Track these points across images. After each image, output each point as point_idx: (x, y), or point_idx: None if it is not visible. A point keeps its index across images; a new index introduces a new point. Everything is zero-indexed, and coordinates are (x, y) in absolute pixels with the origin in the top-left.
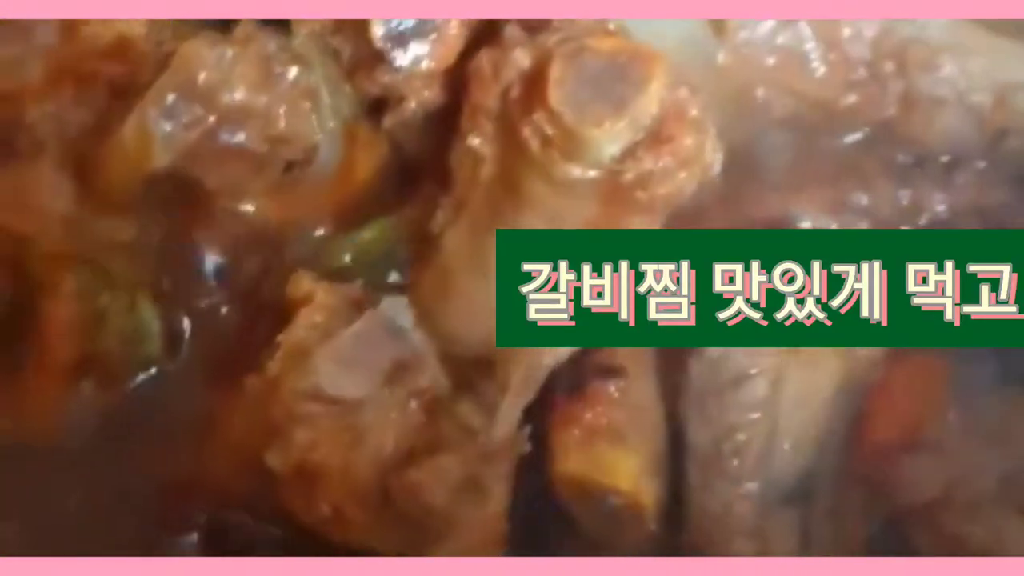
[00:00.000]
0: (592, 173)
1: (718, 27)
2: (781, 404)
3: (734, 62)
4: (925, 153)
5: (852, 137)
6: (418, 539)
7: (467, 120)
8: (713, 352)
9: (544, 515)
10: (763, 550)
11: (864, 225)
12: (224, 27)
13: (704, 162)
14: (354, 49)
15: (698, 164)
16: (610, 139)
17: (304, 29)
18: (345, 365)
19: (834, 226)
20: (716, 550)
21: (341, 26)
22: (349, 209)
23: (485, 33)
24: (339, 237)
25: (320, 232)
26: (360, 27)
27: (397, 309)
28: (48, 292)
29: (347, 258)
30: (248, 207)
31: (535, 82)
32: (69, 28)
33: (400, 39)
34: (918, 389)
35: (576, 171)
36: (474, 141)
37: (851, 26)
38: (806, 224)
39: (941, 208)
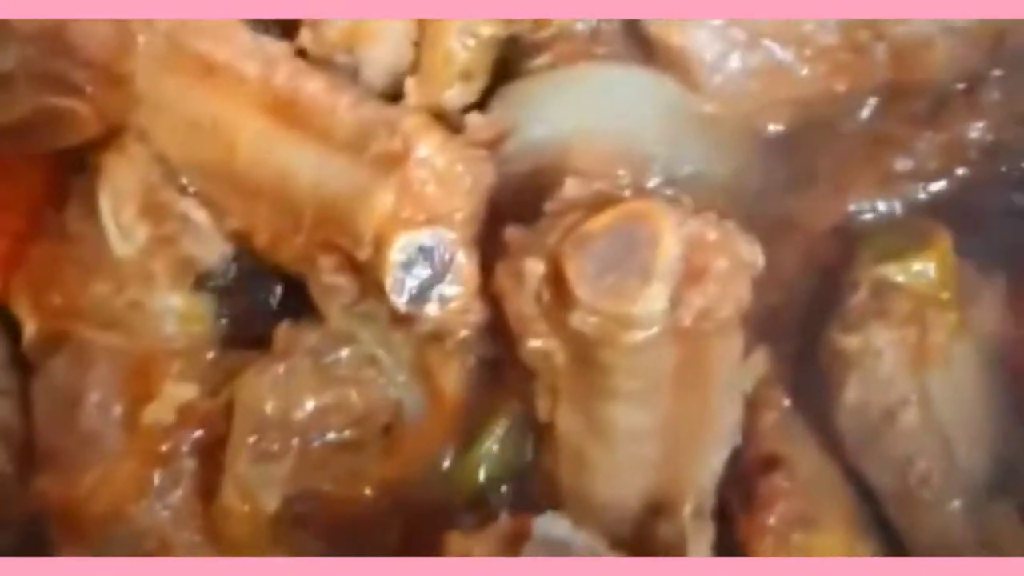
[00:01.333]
0: (654, 330)
1: (690, 83)
2: (940, 416)
3: (720, 106)
4: (939, 92)
5: (864, 112)
6: None
7: (517, 328)
8: (850, 399)
9: None
10: (998, 553)
11: (919, 187)
12: (259, 341)
13: (747, 264)
14: (387, 307)
15: (742, 272)
16: (651, 303)
17: (333, 310)
18: None
19: (896, 204)
20: None
21: (365, 293)
22: (458, 435)
23: (489, 239)
24: (464, 459)
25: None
26: (381, 291)
27: (552, 524)
28: None
29: (482, 474)
30: (366, 490)
31: (558, 284)
32: (131, 421)
33: (420, 297)
34: None
35: (638, 336)
36: (534, 343)
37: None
38: (868, 216)
39: (980, 133)
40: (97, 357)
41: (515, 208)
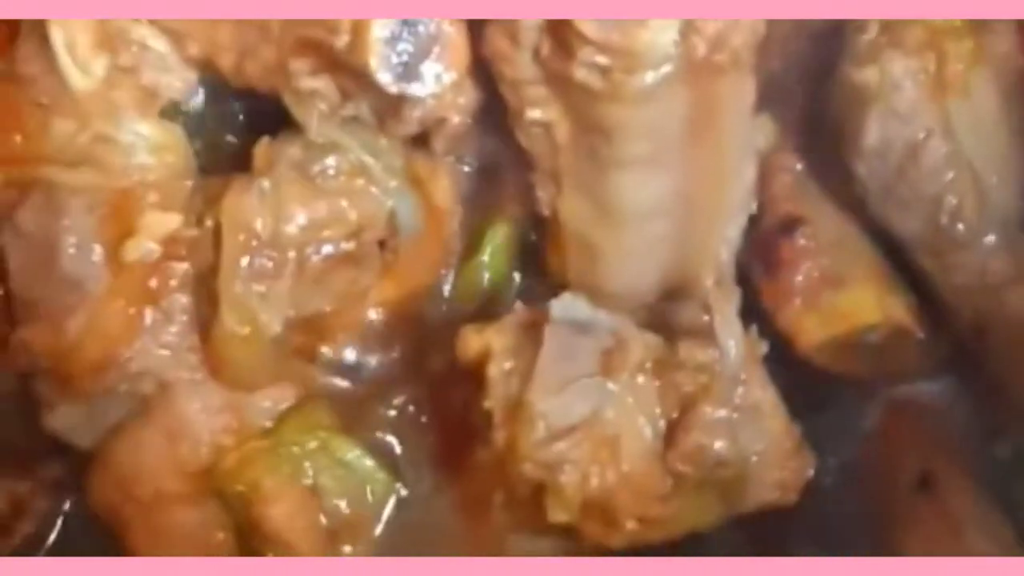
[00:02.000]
0: (666, 68)
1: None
2: (965, 147)
3: None
4: None
5: None
6: (730, 494)
7: (513, 98)
8: (870, 139)
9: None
10: None
11: None
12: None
13: None
14: (370, 103)
15: None
16: (663, 28)
17: (313, 118)
18: (561, 390)
19: None
20: (995, 316)
21: (346, 93)
22: (456, 245)
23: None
24: (467, 268)
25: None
26: (364, 84)
27: (569, 306)
28: (259, 504)
29: (487, 284)
30: (370, 311)
31: (559, 28)
32: (114, 260)
33: (408, 71)
34: None
35: (649, 76)
36: (533, 114)
37: None
38: None
39: None
40: (68, 199)
41: None
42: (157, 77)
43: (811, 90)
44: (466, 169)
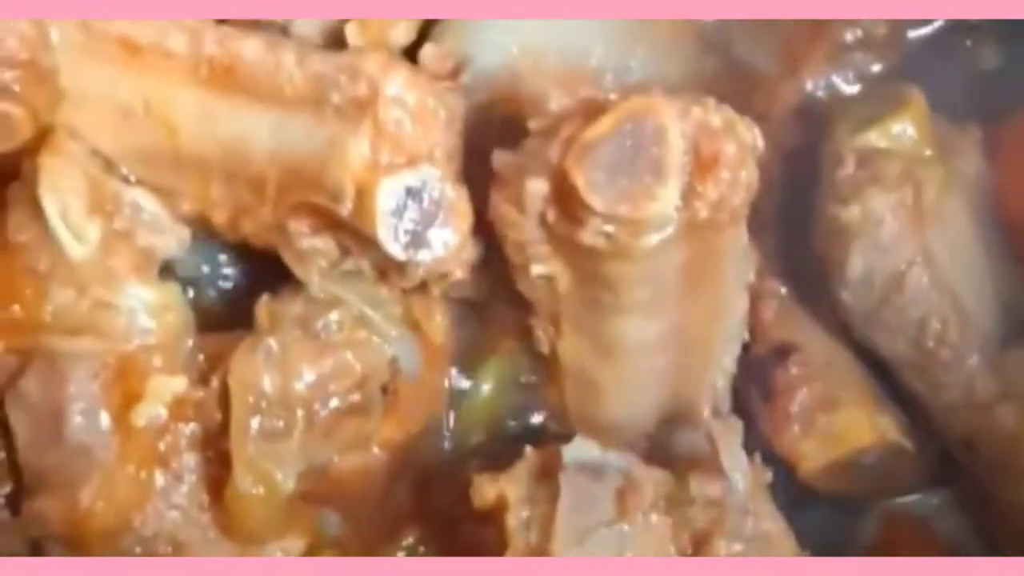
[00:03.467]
0: (669, 230)
1: None
2: (944, 271)
3: None
4: None
5: None
6: None
7: (517, 256)
8: (854, 272)
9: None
10: (1022, 401)
11: (870, 57)
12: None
13: (751, 147)
14: (371, 259)
15: (749, 155)
16: (667, 201)
17: (314, 275)
18: (582, 540)
19: (849, 76)
20: (983, 431)
21: (346, 249)
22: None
23: (478, 165)
24: (467, 405)
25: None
26: (366, 243)
27: (580, 449)
28: None
29: (486, 418)
30: (376, 451)
31: (566, 199)
32: (122, 425)
33: (415, 240)
34: None
35: (653, 239)
36: (537, 269)
37: None
38: (822, 94)
39: None
40: (71, 366)
41: (481, 141)
42: (152, 238)
43: (789, 216)
44: (457, 305)
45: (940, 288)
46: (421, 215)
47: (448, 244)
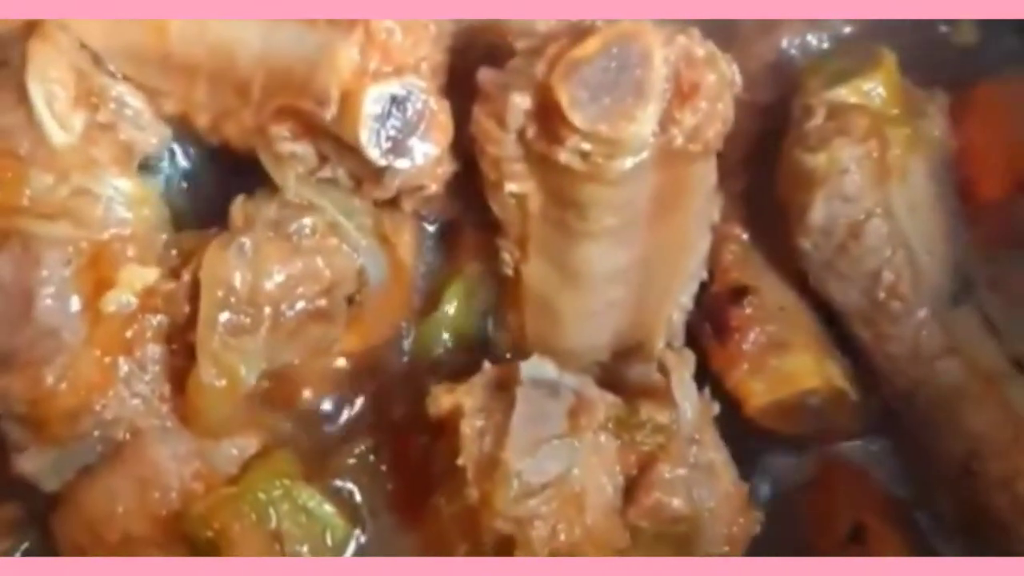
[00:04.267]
0: (644, 154)
1: None
2: (903, 226)
3: None
4: None
5: None
6: (683, 547)
7: (493, 173)
8: (816, 219)
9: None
10: (965, 356)
11: (843, 21)
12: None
13: (731, 82)
14: (349, 168)
15: (728, 89)
16: (646, 123)
17: (291, 179)
18: (535, 449)
19: (823, 36)
20: (925, 384)
21: (324, 157)
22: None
23: (460, 85)
24: (427, 324)
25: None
26: (345, 151)
27: (538, 367)
28: (226, 549)
29: (447, 337)
30: (335, 362)
31: (548, 115)
32: (91, 310)
33: (396, 147)
34: (995, 130)
35: (628, 162)
36: (511, 187)
37: None
38: (796, 52)
39: None
40: (45, 250)
41: (464, 63)
42: (134, 133)
43: (755, 166)
44: (429, 228)
45: (896, 241)
46: (403, 124)
47: (427, 155)
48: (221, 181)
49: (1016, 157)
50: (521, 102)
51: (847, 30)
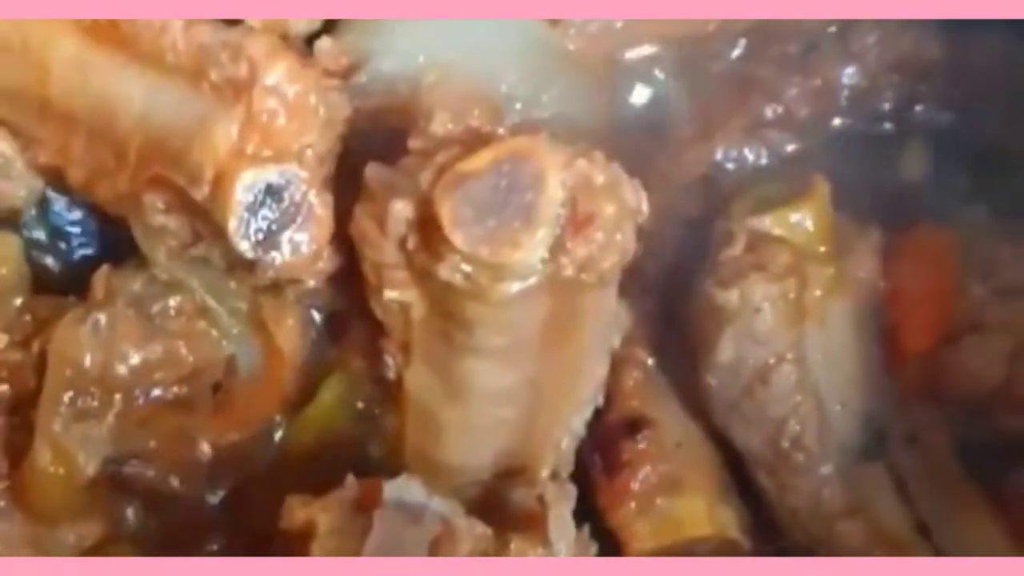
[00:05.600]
0: (531, 280)
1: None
2: (815, 375)
3: (585, 43)
4: (814, 32)
5: (736, 52)
6: None
7: (373, 277)
8: (723, 357)
9: None
10: (868, 518)
11: (787, 137)
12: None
13: (634, 212)
14: (222, 251)
15: (629, 219)
16: (533, 251)
17: (160, 254)
18: None
19: (763, 153)
20: (825, 543)
21: (198, 235)
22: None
23: (345, 179)
24: (301, 418)
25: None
26: (219, 233)
27: (403, 488)
28: None
29: (320, 434)
30: (203, 448)
31: (429, 228)
32: None
33: (267, 240)
34: (928, 277)
35: (514, 287)
36: (391, 294)
37: None
38: (731, 166)
39: (854, 80)
40: None
41: (365, 148)
42: (2, 184)
43: (671, 286)
44: (316, 315)
45: (806, 390)
46: (279, 215)
47: (301, 250)
48: (91, 246)
49: (946, 306)
50: (403, 209)
51: (789, 148)
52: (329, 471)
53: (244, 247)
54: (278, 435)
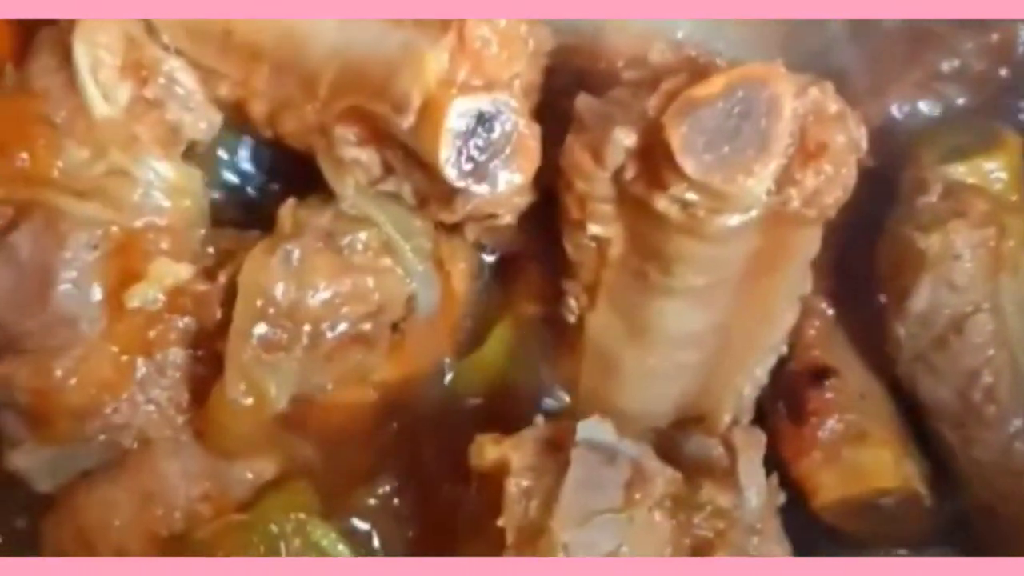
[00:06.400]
0: (752, 213)
1: None
2: (1010, 325)
3: None
4: None
5: None
6: None
7: (576, 211)
8: (918, 305)
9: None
10: None
11: (962, 90)
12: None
13: (857, 146)
14: (415, 184)
15: (855, 153)
16: (763, 179)
17: (349, 188)
18: (585, 522)
19: (935, 106)
20: (1011, 499)
21: (390, 168)
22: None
23: (551, 112)
24: (469, 363)
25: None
26: (415, 164)
27: (596, 429)
28: None
29: (489, 381)
30: (367, 392)
31: (654, 156)
32: (113, 303)
33: (477, 170)
34: None
35: (733, 219)
36: (593, 229)
37: None
38: (904, 119)
39: None
40: (71, 230)
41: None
42: (182, 114)
43: (847, 238)
44: (487, 258)
45: (1000, 341)
46: (488, 145)
47: (510, 182)
48: (269, 181)
49: None
50: (624, 138)
51: (960, 101)
52: (499, 416)
53: (454, 176)
54: (447, 378)
